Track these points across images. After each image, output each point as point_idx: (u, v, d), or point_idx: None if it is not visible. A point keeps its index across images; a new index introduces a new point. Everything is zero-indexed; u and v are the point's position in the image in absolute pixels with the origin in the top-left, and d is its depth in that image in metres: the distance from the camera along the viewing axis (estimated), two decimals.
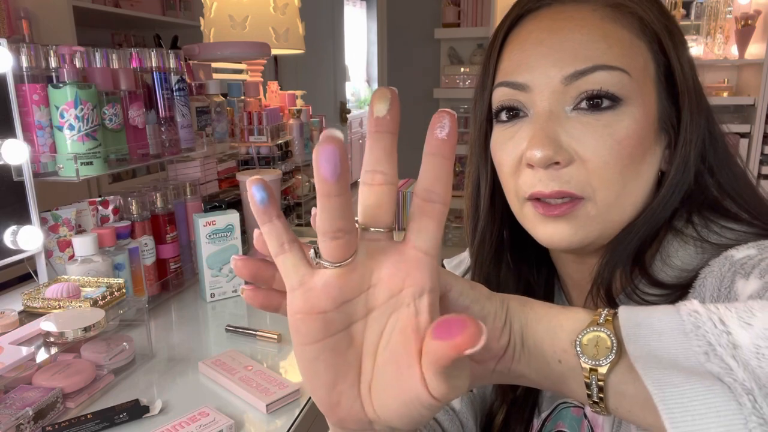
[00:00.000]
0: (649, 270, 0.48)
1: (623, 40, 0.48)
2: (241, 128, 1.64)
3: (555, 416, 0.56)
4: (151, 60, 1.23)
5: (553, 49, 0.48)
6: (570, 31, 0.48)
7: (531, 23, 0.51)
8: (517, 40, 0.51)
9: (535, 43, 0.49)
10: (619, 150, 0.46)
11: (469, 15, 3.56)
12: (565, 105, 0.48)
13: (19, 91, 1.01)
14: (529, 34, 0.50)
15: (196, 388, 0.89)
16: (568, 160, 0.47)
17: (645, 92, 0.48)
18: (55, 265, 1.10)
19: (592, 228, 0.48)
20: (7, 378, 0.77)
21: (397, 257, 0.31)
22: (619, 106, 0.47)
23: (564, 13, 0.49)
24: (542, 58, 0.48)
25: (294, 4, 1.93)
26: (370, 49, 7.65)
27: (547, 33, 0.49)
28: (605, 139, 0.46)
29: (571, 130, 0.47)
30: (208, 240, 1.19)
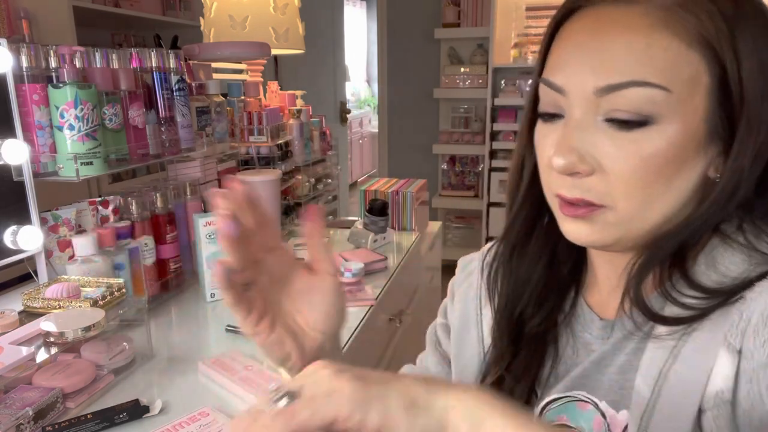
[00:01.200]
0: (690, 272, 0.48)
1: (670, 50, 0.45)
2: (241, 128, 1.64)
3: (557, 408, 0.55)
4: (151, 60, 1.23)
5: (591, 55, 0.47)
6: (612, 37, 0.46)
7: (579, 21, 0.49)
8: (563, 36, 0.50)
9: (576, 45, 0.48)
10: (644, 167, 0.46)
11: (469, 15, 3.56)
12: (597, 115, 0.47)
13: (19, 91, 1.01)
14: (574, 34, 0.49)
15: (196, 388, 0.89)
16: (590, 170, 0.47)
17: (689, 107, 0.45)
18: (55, 265, 1.10)
19: (610, 233, 0.49)
20: (7, 378, 0.77)
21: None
22: (651, 124, 0.45)
23: (611, 14, 0.47)
24: (579, 64, 0.47)
25: (294, 4, 1.93)
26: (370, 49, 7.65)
27: (589, 36, 0.47)
28: (630, 156, 0.46)
29: (597, 141, 0.47)
30: (208, 240, 1.19)
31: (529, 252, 0.59)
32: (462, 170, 3.85)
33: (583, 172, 0.47)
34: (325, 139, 2.06)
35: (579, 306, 0.58)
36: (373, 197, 1.75)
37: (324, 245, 0.51)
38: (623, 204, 0.47)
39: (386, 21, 3.86)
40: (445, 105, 3.82)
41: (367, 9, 7.57)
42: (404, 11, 3.79)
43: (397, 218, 1.78)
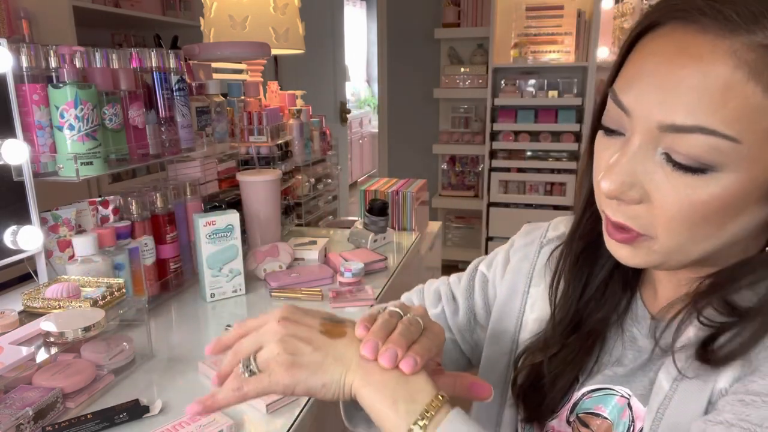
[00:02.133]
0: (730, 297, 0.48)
1: (750, 98, 0.41)
2: (241, 128, 1.64)
3: (597, 397, 0.56)
4: (151, 60, 1.23)
5: (662, 86, 0.43)
6: (689, 71, 0.42)
7: (660, 38, 0.45)
8: (640, 51, 0.47)
9: (651, 69, 0.44)
10: (693, 211, 0.44)
11: (469, 15, 3.56)
12: (658, 146, 0.45)
13: (19, 91, 1.01)
14: (651, 54, 0.45)
15: (196, 388, 0.89)
16: (637, 199, 0.46)
17: (759, 158, 0.42)
18: (55, 265, 1.10)
19: (652, 259, 0.48)
20: (7, 378, 0.77)
21: None
22: (711, 171, 0.43)
23: (696, 41, 0.42)
24: (649, 92, 0.44)
25: (294, 4, 1.93)
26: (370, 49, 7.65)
27: (665, 62, 0.43)
28: (680, 198, 0.44)
29: (651, 172, 0.45)
30: (208, 240, 1.19)
31: (597, 252, 0.59)
32: (462, 170, 3.85)
33: (628, 200, 0.46)
34: (325, 139, 2.06)
35: (634, 301, 0.59)
36: (373, 197, 1.75)
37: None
38: (665, 238, 0.46)
39: (386, 21, 3.86)
40: (445, 105, 3.82)
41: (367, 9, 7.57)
42: (404, 11, 3.79)
43: (397, 218, 1.78)
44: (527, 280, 0.67)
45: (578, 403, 0.58)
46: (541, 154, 3.42)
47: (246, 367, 0.50)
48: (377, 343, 0.48)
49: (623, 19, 3.25)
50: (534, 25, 3.37)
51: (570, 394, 0.59)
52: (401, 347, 0.47)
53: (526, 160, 3.42)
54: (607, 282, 0.59)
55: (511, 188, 3.48)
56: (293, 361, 0.48)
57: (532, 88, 3.40)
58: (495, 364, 0.67)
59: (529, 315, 0.65)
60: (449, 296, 0.75)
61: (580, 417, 0.57)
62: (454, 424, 0.45)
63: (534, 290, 0.66)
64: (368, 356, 0.47)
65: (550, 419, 0.60)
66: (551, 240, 0.67)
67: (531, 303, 0.65)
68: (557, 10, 3.31)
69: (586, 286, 0.59)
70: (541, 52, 3.38)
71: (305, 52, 2.06)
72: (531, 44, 3.38)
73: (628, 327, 0.58)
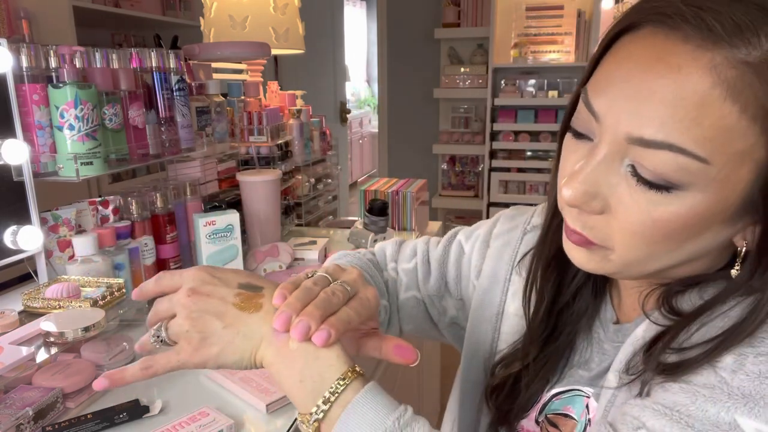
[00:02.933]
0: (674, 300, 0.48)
1: (726, 118, 0.38)
2: (241, 128, 1.64)
3: (566, 398, 0.57)
4: (151, 60, 1.23)
5: (635, 96, 0.41)
6: (665, 82, 0.39)
7: (638, 41, 0.42)
8: (616, 53, 0.44)
9: (625, 75, 0.42)
10: (653, 228, 0.43)
11: (469, 15, 3.56)
12: (624, 157, 0.43)
13: (19, 91, 1.01)
14: (626, 58, 0.43)
15: (196, 388, 0.89)
16: (598, 210, 0.45)
17: (728, 180, 0.40)
18: (55, 265, 1.10)
19: (606, 267, 0.47)
20: (7, 378, 0.77)
21: None
22: (675, 190, 0.41)
23: (675, 49, 0.39)
24: (620, 99, 0.42)
25: (294, 4, 1.93)
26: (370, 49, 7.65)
27: (641, 70, 0.41)
28: (642, 213, 0.42)
29: (615, 185, 0.43)
30: (208, 240, 1.19)
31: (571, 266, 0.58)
32: (462, 170, 3.85)
33: (590, 211, 0.45)
34: (325, 139, 2.06)
35: (603, 304, 0.59)
36: (373, 197, 1.75)
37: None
38: (622, 251, 0.45)
39: (386, 21, 3.86)
40: (445, 105, 3.82)
41: (367, 9, 7.57)
42: (404, 11, 3.79)
43: (397, 218, 1.78)
44: (509, 267, 0.65)
45: (547, 404, 0.58)
46: (541, 154, 3.42)
47: (156, 337, 0.49)
48: (290, 315, 0.46)
49: None
50: (534, 25, 3.37)
51: (539, 396, 0.59)
52: (315, 320, 0.45)
53: (526, 160, 3.42)
54: (581, 287, 0.58)
55: (511, 188, 3.48)
56: (202, 340, 0.47)
57: (532, 88, 3.40)
58: (476, 353, 0.66)
59: (510, 305, 0.63)
60: (424, 258, 0.73)
61: (549, 418, 0.57)
62: (362, 405, 0.44)
63: (516, 278, 0.64)
64: (279, 329, 0.46)
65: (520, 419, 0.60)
66: (535, 227, 0.65)
67: (513, 291, 0.64)
68: (557, 10, 3.31)
69: (559, 292, 0.58)
70: (541, 52, 3.38)
71: (305, 52, 2.06)
72: (531, 44, 3.38)
73: (596, 330, 0.57)
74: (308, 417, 0.45)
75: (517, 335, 0.62)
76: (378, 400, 0.45)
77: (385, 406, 0.44)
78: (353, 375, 0.45)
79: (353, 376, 0.45)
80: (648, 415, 0.42)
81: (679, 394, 0.42)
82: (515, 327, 0.63)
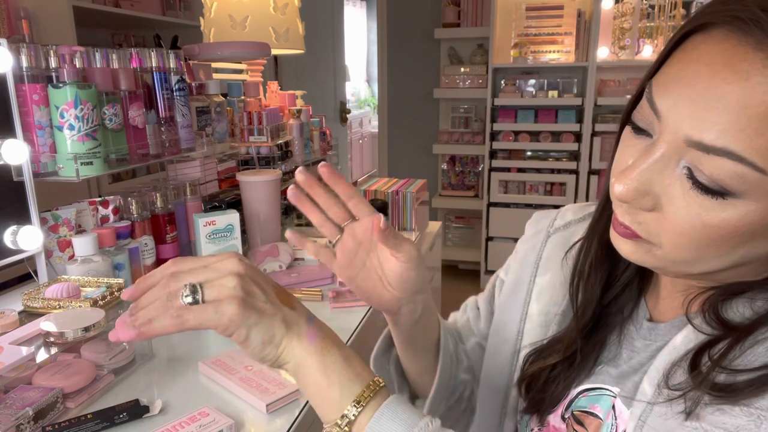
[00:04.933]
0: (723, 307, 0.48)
1: None
2: (241, 128, 1.64)
3: (592, 396, 0.56)
4: (151, 60, 1.23)
5: (700, 99, 0.40)
6: (732, 89, 0.39)
7: (708, 42, 0.41)
8: (685, 51, 0.43)
9: (692, 77, 0.41)
10: (702, 233, 0.42)
11: (469, 15, 3.56)
12: (681, 159, 0.42)
13: (19, 91, 1.01)
14: (695, 59, 0.42)
15: (196, 388, 0.89)
16: (649, 207, 0.44)
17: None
18: (55, 265, 1.10)
19: (651, 262, 0.47)
20: (7, 378, 0.77)
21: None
22: (729, 197, 0.41)
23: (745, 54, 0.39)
24: (684, 101, 0.41)
25: (294, 4, 1.93)
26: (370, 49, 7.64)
27: (709, 74, 0.40)
28: (692, 217, 0.42)
29: (669, 185, 0.43)
30: (208, 240, 1.19)
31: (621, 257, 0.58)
32: (462, 170, 3.85)
33: (639, 207, 0.45)
34: (325, 139, 2.06)
35: (639, 302, 0.58)
36: (373, 197, 1.75)
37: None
38: (669, 250, 0.45)
39: (386, 21, 3.86)
40: (445, 105, 3.82)
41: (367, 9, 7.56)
42: (404, 11, 3.79)
43: (397, 218, 1.78)
44: (533, 269, 0.66)
45: (574, 401, 0.58)
46: (541, 154, 3.42)
47: (192, 293, 0.45)
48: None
49: (623, 19, 3.25)
50: (534, 25, 3.37)
51: (568, 391, 0.59)
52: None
53: (526, 160, 3.42)
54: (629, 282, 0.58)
55: (511, 188, 3.48)
56: (247, 300, 0.45)
57: (532, 88, 3.40)
58: (497, 353, 0.66)
59: (534, 306, 0.64)
60: (474, 304, 0.76)
61: (575, 415, 0.57)
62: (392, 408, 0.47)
63: (540, 279, 0.65)
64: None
65: (549, 413, 0.60)
66: (558, 229, 0.66)
67: (537, 292, 0.65)
68: (557, 10, 3.31)
69: (608, 285, 0.58)
70: (541, 52, 3.38)
71: (305, 52, 2.06)
72: (531, 44, 3.38)
73: (627, 326, 0.57)
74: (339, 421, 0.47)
75: (538, 335, 0.62)
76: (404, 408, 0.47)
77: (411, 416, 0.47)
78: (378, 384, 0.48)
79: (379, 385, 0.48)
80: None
81: (741, 417, 0.41)
82: (537, 327, 0.63)
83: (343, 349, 0.49)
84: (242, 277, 0.46)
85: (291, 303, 0.49)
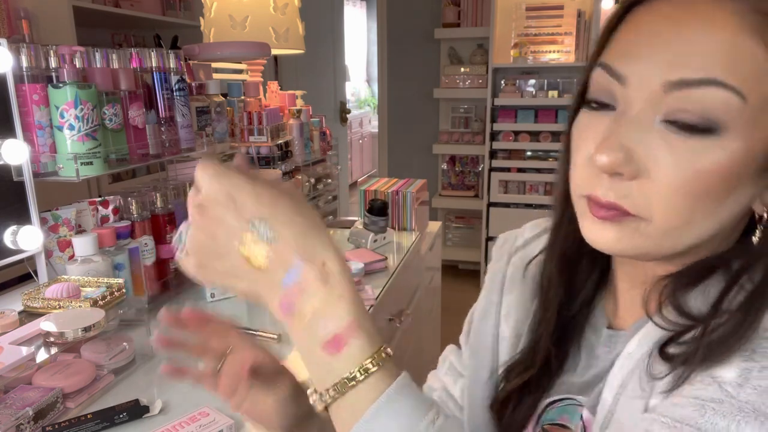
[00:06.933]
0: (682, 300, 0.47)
1: (756, 59, 0.40)
2: (241, 128, 1.64)
3: (561, 407, 0.55)
4: (151, 60, 1.23)
5: (668, 45, 0.41)
6: (695, 28, 0.41)
7: (655, 5, 0.43)
8: (633, 22, 0.44)
9: (650, 33, 0.42)
10: (697, 181, 0.41)
11: (469, 15, 3.56)
12: (657, 113, 0.42)
13: (19, 91, 1.01)
14: (648, 20, 0.43)
15: (196, 388, 0.88)
16: (634, 173, 0.43)
17: (759, 125, 0.41)
18: (55, 265, 1.10)
19: (639, 243, 0.45)
20: (7, 378, 0.77)
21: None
22: (716, 134, 0.41)
23: (696, 5, 0.41)
24: (651, 53, 0.42)
25: (294, 4, 1.93)
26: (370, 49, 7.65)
27: (668, 24, 0.42)
28: (683, 165, 0.41)
29: (650, 143, 0.42)
30: None
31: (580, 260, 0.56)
32: (462, 170, 3.85)
33: (626, 174, 0.43)
34: (325, 139, 2.06)
35: (597, 309, 0.57)
36: (373, 197, 1.75)
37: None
38: (662, 218, 0.43)
39: (386, 21, 3.86)
40: (445, 105, 3.82)
41: (367, 9, 7.57)
42: (404, 11, 3.79)
43: (397, 218, 1.78)
44: (500, 291, 0.64)
45: (543, 414, 0.57)
46: (541, 154, 3.42)
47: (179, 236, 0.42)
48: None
49: None
50: (534, 25, 3.37)
51: (536, 405, 0.58)
52: None
53: (526, 160, 3.42)
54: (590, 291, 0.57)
55: (511, 188, 3.48)
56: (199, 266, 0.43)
57: (532, 88, 3.40)
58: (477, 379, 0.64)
59: (504, 326, 0.63)
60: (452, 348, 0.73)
61: (546, 428, 0.56)
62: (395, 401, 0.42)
63: (507, 298, 0.63)
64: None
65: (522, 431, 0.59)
66: (518, 248, 0.65)
67: (505, 313, 0.63)
68: (557, 10, 3.31)
69: (570, 296, 0.57)
70: (541, 52, 3.38)
71: (305, 52, 2.06)
72: (531, 44, 3.38)
73: (588, 336, 0.56)
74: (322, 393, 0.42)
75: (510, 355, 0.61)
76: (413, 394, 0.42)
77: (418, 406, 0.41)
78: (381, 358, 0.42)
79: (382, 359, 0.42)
80: (657, 428, 0.41)
81: (687, 408, 0.40)
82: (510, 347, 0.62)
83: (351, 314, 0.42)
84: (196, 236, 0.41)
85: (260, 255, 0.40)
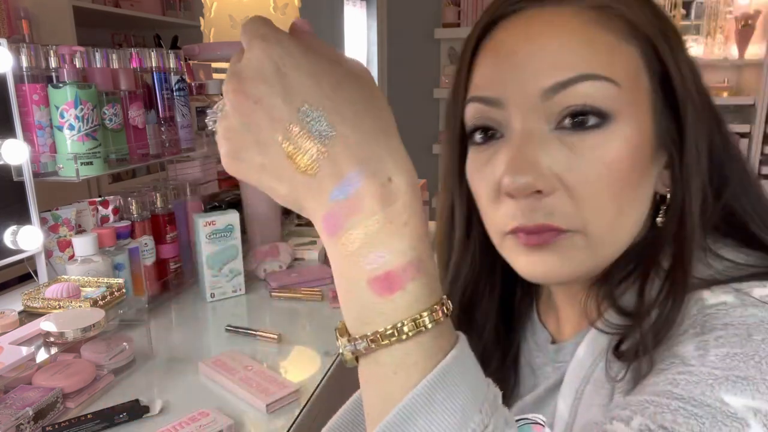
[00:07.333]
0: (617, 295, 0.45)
1: (610, 45, 0.42)
2: None
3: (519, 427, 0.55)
4: (151, 60, 1.23)
5: (529, 58, 0.42)
6: (549, 36, 0.43)
7: (503, 31, 0.45)
8: (488, 51, 0.46)
9: (508, 53, 0.44)
10: (609, 175, 0.42)
11: (469, 15, 3.56)
12: (545, 123, 0.43)
13: (19, 91, 1.01)
14: (502, 43, 0.45)
15: (196, 388, 0.89)
16: (551, 188, 0.42)
17: (637, 105, 0.43)
18: (55, 265, 1.10)
19: (581, 260, 0.44)
20: (7, 378, 0.77)
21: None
22: (608, 123, 0.42)
23: (540, 17, 0.43)
24: (517, 70, 0.43)
25: (294, 4, 1.93)
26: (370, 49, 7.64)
27: (522, 41, 0.43)
28: (593, 163, 0.42)
29: (553, 152, 0.42)
30: (208, 240, 1.19)
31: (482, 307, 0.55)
32: None
33: (543, 191, 0.42)
34: None
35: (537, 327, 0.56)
36: None
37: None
38: (594, 223, 0.43)
39: (386, 21, 3.86)
40: (445, 105, 3.82)
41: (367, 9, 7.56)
42: (404, 11, 3.80)
43: None
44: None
45: None
46: None
47: (214, 117, 0.37)
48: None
49: None
50: None
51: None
52: None
53: None
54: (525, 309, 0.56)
55: None
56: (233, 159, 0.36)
57: None
58: None
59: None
60: None
61: None
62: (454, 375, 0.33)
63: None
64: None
65: None
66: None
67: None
68: None
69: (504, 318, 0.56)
70: None
71: None
72: None
73: (533, 354, 0.55)
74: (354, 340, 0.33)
75: None
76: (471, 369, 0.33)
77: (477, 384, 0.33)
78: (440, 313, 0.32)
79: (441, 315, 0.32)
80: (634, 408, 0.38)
81: (659, 385, 0.39)
82: None
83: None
84: (231, 121, 0.34)
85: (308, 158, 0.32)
